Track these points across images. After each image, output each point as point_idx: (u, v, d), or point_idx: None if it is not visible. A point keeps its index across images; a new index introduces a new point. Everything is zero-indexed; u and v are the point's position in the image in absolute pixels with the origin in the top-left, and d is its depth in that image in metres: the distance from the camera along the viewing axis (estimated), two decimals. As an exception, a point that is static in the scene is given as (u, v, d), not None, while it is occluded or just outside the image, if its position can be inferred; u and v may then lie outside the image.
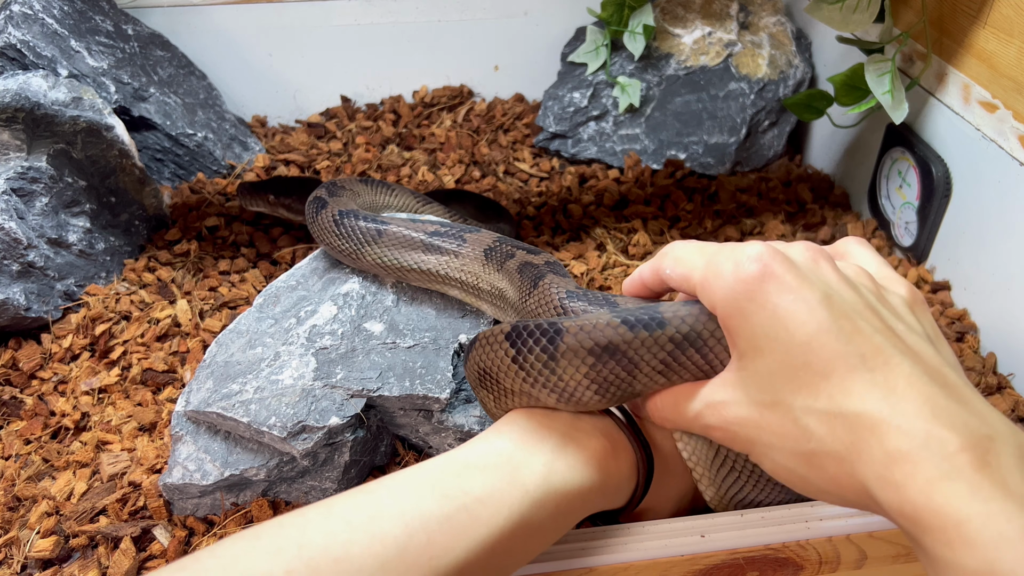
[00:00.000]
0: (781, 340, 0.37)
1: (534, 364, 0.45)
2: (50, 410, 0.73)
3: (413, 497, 0.41)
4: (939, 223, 0.85)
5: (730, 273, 0.38)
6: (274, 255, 0.93)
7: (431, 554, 0.39)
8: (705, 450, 0.49)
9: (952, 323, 0.82)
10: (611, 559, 0.47)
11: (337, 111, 1.22)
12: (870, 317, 0.38)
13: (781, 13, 1.14)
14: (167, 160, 1.06)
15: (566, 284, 0.56)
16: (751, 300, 0.38)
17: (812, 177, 1.08)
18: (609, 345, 0.42)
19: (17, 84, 0.86)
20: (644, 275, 0.47)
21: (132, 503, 0.63)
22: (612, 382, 0.44)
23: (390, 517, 0.40)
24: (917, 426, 0.34)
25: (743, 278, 0.38)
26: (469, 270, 0.64)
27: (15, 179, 0.81)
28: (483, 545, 0.40)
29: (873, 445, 0.34)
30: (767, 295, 0.37)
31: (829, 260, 0.40)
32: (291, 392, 0.60)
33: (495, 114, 1.21)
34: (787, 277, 0.37)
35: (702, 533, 0.48)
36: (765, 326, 0.37)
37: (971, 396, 0.36)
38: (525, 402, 0.47)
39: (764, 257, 0.38)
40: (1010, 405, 0.71)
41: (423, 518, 0.40)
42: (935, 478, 0.32)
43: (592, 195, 1.03)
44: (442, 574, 0.39)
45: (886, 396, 0.35)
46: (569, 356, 0.43)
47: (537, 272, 0.59)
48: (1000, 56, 0.75)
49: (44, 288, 0.82)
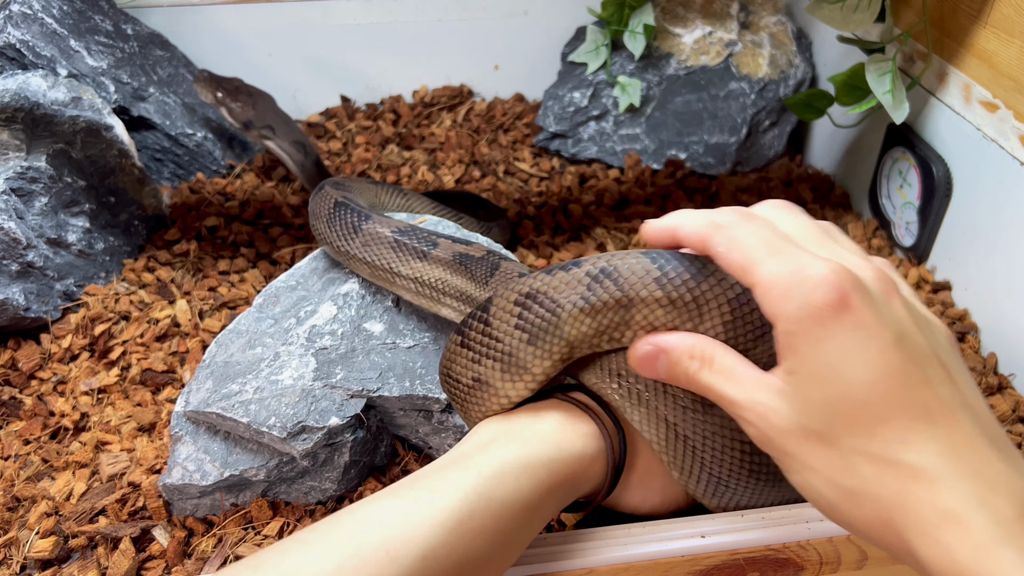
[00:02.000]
0: (845, 376, 0.36)
1: (475, 338, 0.48)
2: (49, 410, 0.73)
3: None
4: (940, 223, 0.85)
5: (803, 294, 0.36)
6: (274, 255, 0.92)
7: (387, 547, 0.40)
8: (664, 431, 0.49)
9: (953, 323, 0.81)
10: (611, 559, 0.47)
11: (337, 111, 1.22)
12: (937, 367, 0.37)
13: (782, 13, 1.14)
14: (166, 160, 1.06)
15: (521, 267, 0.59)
16: (822, 327, 0.36)
17: (813, 177, 1.08)
18: (531, 291, 0.45)
19: (16, 84, 0.86)
20: (683, 234, 0.43)
21: (131, 503, 0.63)
22: (539, 326, 0.45)
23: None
24: (973, 488, 0.34)
25: (817, 303, 0.36)
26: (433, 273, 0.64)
27: (14, 179, 0.81)
28: (444, 527, 0.41)
29: (924, 500, 0.34)
30: (839, 327, 0.36)
31: (899, 293, 0.39)
32: (291, 392, 0.60)
33: (495, 114, 1.21)
34: (863, 313, 0.36)
35: (702, 533, 0.48)
36: (831, 357, 0.36)
37: (1019, 459, 0.36)
38: (482, 396, 0.49)
39: (843, 286, 0.36)
40: (1011, 405, 0.71)
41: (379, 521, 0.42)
42: (987, 542, 0.32)
43: (592, 195, 1.03)
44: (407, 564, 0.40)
45: (945, 452, 0.34)
46: (498, 313, 0.46)
47: (492, 262, 0.60)
48: (1001, 56, 0.75)
49: (43, 288, 0.82)
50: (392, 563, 0.39)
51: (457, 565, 0.41)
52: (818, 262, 0.37)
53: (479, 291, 0.59)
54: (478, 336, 0.47)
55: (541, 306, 0.45)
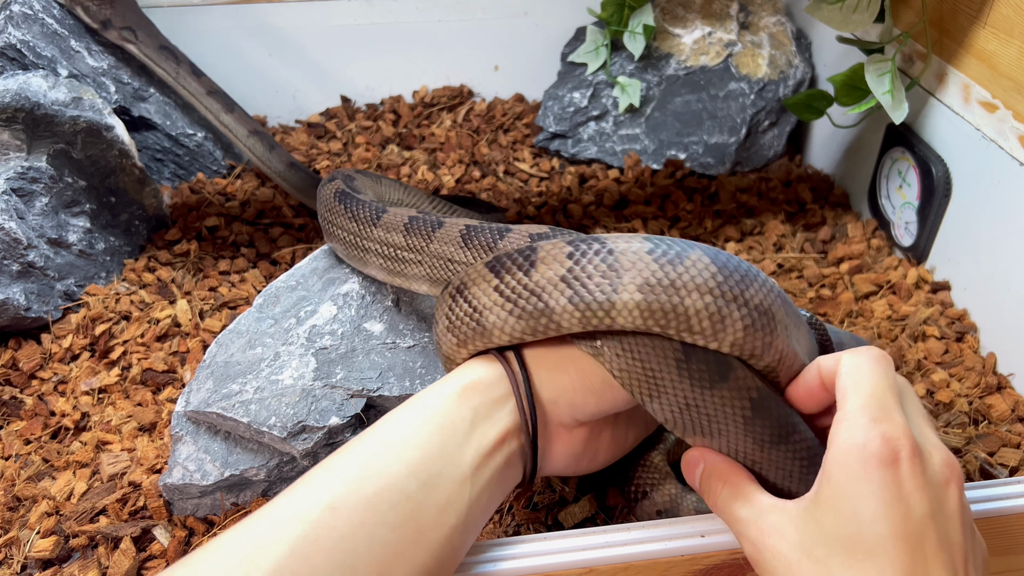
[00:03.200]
0: (867, 521, 0.38)
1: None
2: (50, 410, 0.73)
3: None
4: (939, 223, 0.85)
5: (868, 437, 0.40)
6: (274, 255, 0.93)
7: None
8: (637, 366, 0.47)
9: (952, 323, 0.82)
10: (611, 558, 0.47)
11: (337, 111, 1.22)
12: (956, 555, 0.39)
13: (781, 13, 1.14)
14: (167, 160, 1.06)
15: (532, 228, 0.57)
16: (867, 470, 0.39)
17: (812, 177, 1.08)
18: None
19: (17, 84, 0.86)
20: (823, 370, 0.46)
21: (132, 503, 0.63)
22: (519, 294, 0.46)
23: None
24: None
25: (873, 449, 0.39)
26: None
27: (15, 179, 0.81)
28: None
29: None
30: (882, 476, 0.39)
31: (960, 488, 0.41)
32: (291, 392, 0.60)
33: (495, 114, 1.21)
34: (909, 476, 0.39)
35: (702, 533, 0.48)
36: (861, 497, 0.39)
37: None
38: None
39: (900, 447, 0.39)
40: (1010, 405, 0.71)
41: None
42: None
43: (592, 195, 1.03)
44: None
45: None
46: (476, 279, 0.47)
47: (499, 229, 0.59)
48: (1000, 56, 0.75)
49: (44, 288, 0.82)
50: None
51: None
52: (895, 425, 0.40)
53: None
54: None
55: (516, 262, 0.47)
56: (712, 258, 0.44)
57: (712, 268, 0.43)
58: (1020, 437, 0.69)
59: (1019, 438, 0.68)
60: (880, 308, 0.83)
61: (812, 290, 0.87)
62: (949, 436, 0.68)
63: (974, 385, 0.74)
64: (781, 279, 0.89)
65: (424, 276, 0.62)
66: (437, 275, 0.60)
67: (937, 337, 0.79)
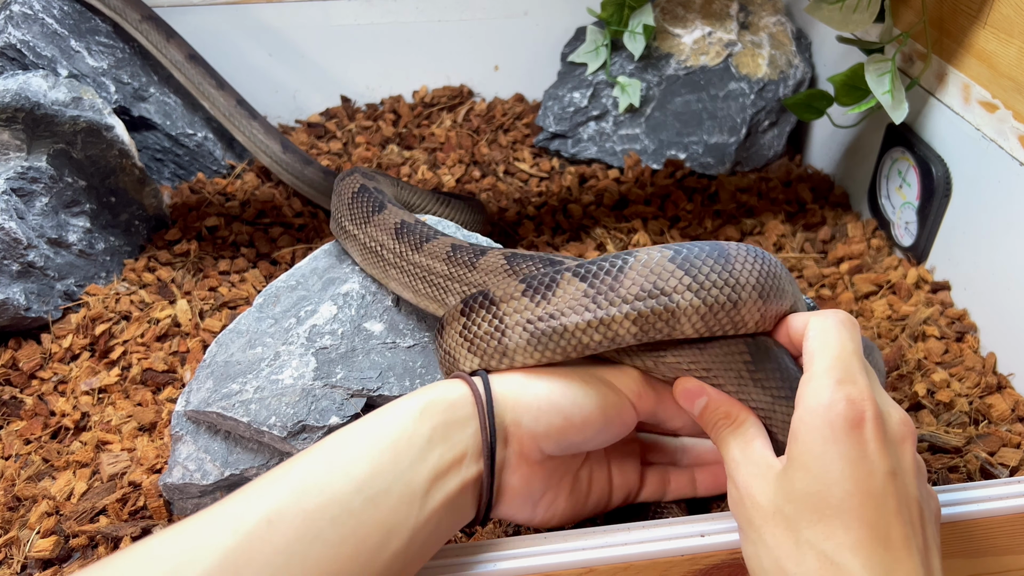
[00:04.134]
0: (831, 477, 0.40)
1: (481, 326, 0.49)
2: (50, 410, 0.73)
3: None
4: (939, 223, 0.85)
5: (832, 401, 0.41)
6: (274, 255, 0.93)
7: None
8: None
9: (952, 323, 0.82)
10: (611, 558, 0.47)
11: (337, 111, 1.22)
12: (915, 512, 0.41)
13: (781, 13, 1.14)
14: (167, 160, 1.06)
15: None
16: (832, 431, 0.41)
17: (812, 177, 1.08)
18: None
19: (17, 84, 0.86)
20: (792, 327, 0.48)
21: (132, 503, 0.63)
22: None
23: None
24: None
25: (838, 412, 0.41)
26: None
27: (15, 179, 0.81)
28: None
29: None
30: (846, 438, 0.41)
31: (914, 445, 0.43)
32: (291, 392, 0.60)
33: (495, 114, 1.21)
34: (872, 438, 0.41)
35: (702, 533, 0.48)
36: (827, 458, 0.41)
37: None
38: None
39: (863, 410, 0.41)
40: (1010, 405, 0.71)
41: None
42: None
43: (592, 195, 1.03)
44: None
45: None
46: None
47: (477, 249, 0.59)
48: (1000, 56, 0.75)
49: (44, 288, 0.82)
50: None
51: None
52: (859, 388, 0.42)
53: None
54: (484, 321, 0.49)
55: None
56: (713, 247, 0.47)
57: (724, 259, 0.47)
58: (1020, 437, 0.69)
59: (1019, 438, 0.68)
60: (880, 308, 0.83)
61: (812, 290, 0.87)
62: (949, 436, 0.68)
63: (974, 385, 0.74)
64: (781, 279, 0.89)
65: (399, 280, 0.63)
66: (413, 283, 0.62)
67: (937, 337, 0.79)
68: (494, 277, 0.56)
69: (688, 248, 0.46)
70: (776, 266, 0.48)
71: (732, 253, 0.46)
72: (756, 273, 0.46)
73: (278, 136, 1.03)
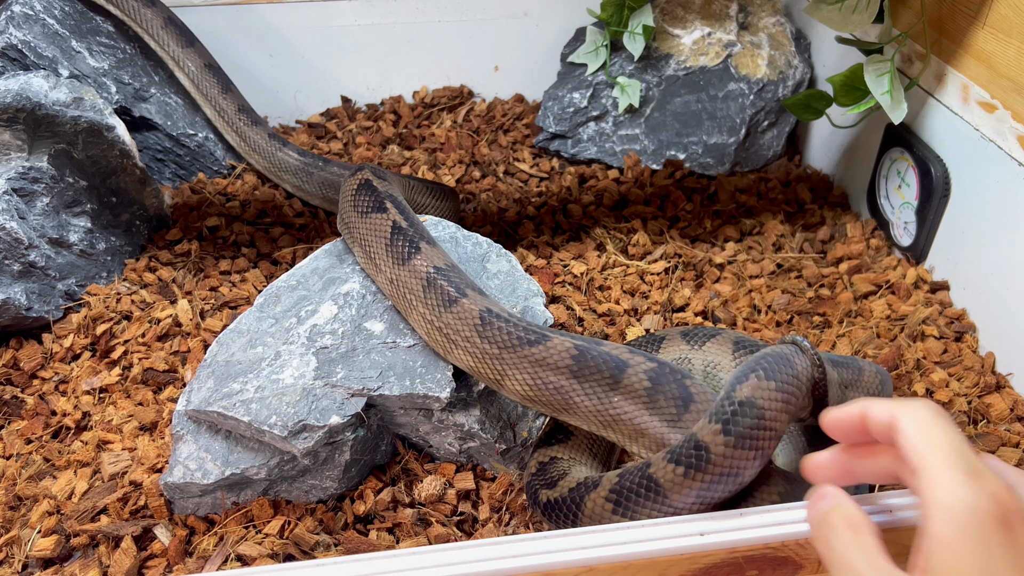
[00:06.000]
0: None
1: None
2: (51, 410, 0.73)
3: None
4: (938, 223, 0.85)
5: (971, 497, 0.39)
6: (274, 255, 0.93)
7: None
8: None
9: (951, 323, 0.82)
10: (610, 557, 0.47)
11: (337, 111, 1.22)
12: None
13: (780, 14, 1.15)
14: (168, 160, 1.06)
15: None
16: (984, 529, 0.39)
17: (811, 177, 1.08)
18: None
19: (18, 84, 0.86)
20: (871, 414, 0.45)
21: (133, 502, 0.63)
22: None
23: None
24: None
25: (985, 510, 0.39)
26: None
27: (16, 179, 0.81)
28: None
29: None
30: (1001, 537, 0.39)
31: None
32: (292, 391, 0.60)
33: (495, 114, 1.21)
34: (1021, 531, 0.39)
35: (701, 532, 0.48)
36: (987, 559, 0.38)
37: None
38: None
39: (1010, 504, 0.39)
40: (1009, 404, 0.71)
41: None
42: None
43: (592, 195, 1.04)
44: None
45: None
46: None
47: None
48: (999, 56, 0.75)
49: (45, 288, 0.82)
50: None
51: None
52: (994, 481, 0.40)
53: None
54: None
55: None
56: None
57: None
58: (1019, 436, 0.69)
59: (1018, 437, 0.69)
60: (879, 308, 0.83)
61: (811, 290, 0.87)
62: (948, 435, 0.68)
63: (973, 384, 0.74)
64: (780, 279, 0.89)
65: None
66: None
67: (936, 337, 0.79)
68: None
69: None
70: None
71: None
72: None
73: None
